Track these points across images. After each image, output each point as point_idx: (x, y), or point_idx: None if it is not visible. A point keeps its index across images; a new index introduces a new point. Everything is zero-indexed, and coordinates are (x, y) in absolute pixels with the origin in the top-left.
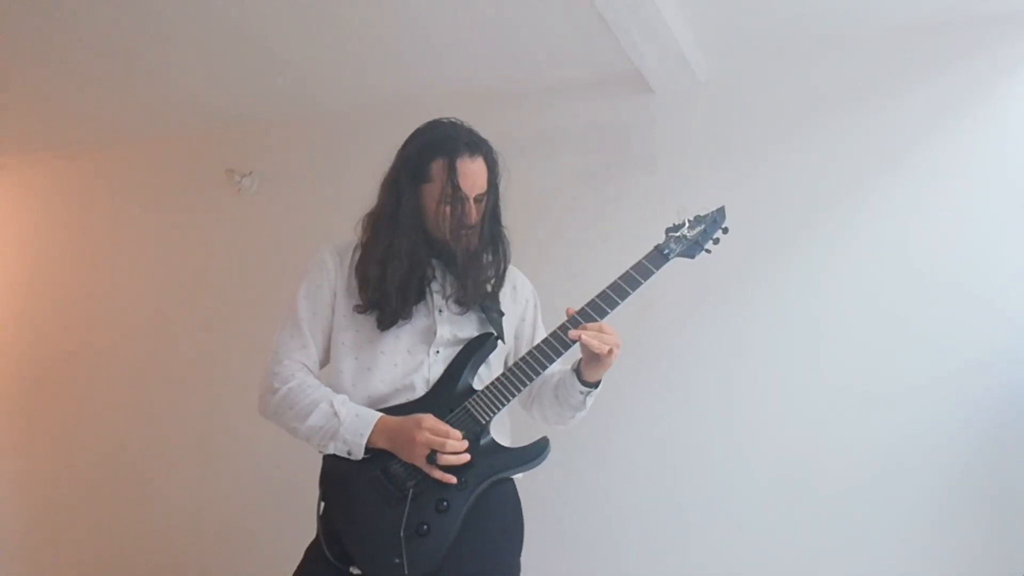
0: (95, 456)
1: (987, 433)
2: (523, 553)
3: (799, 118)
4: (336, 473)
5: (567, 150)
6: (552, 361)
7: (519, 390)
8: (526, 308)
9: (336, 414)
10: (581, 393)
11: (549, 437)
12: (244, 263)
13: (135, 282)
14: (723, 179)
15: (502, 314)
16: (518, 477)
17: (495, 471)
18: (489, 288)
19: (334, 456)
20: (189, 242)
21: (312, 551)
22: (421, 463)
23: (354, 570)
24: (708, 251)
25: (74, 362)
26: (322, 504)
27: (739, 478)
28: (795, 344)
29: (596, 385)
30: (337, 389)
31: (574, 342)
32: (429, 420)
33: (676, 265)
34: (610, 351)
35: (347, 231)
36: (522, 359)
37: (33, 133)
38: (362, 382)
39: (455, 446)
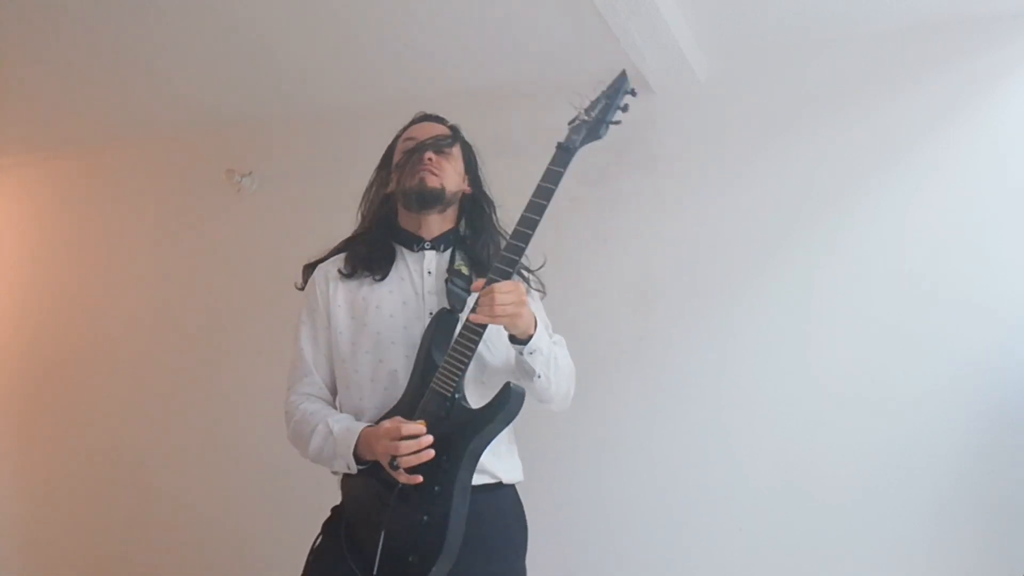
0: (95, 456)
1: (984, 438)
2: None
3: (799, 118)
4: (348, 489)
5: None
6: None
7: (472, 350)
8: None
9: (331, 432)
10: (519, 353)
11: (512, 382)
12: (244, 263)
13: (134, 282)
14: (723, 179)
15: (467, 286)
16: (518, 483)
17: (472, 434)
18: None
19: (347, 475)
20: (189, 242)
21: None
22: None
23: None
24: (617, 122)
25: (74, 362)
26: (344, 524)
27: (736, 484)
28: (793, 347)
29: (526, 343)
30: (360, 387)
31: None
32: (384, 428)
33: (673, 266)
34: (510, 309)
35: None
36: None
37: (32, 133)
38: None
39: (409, 446)
